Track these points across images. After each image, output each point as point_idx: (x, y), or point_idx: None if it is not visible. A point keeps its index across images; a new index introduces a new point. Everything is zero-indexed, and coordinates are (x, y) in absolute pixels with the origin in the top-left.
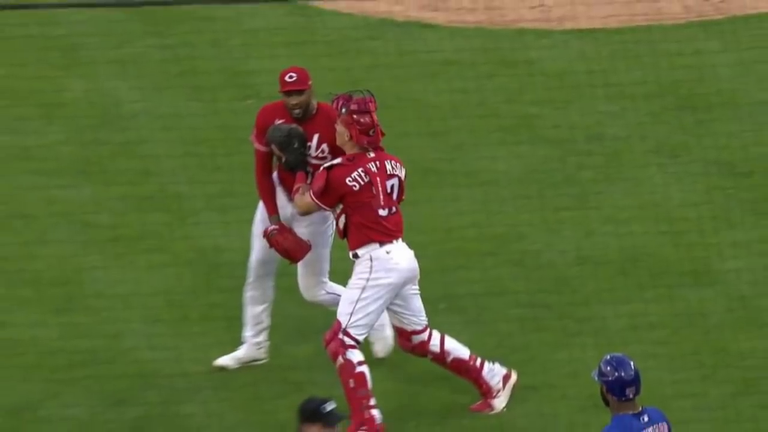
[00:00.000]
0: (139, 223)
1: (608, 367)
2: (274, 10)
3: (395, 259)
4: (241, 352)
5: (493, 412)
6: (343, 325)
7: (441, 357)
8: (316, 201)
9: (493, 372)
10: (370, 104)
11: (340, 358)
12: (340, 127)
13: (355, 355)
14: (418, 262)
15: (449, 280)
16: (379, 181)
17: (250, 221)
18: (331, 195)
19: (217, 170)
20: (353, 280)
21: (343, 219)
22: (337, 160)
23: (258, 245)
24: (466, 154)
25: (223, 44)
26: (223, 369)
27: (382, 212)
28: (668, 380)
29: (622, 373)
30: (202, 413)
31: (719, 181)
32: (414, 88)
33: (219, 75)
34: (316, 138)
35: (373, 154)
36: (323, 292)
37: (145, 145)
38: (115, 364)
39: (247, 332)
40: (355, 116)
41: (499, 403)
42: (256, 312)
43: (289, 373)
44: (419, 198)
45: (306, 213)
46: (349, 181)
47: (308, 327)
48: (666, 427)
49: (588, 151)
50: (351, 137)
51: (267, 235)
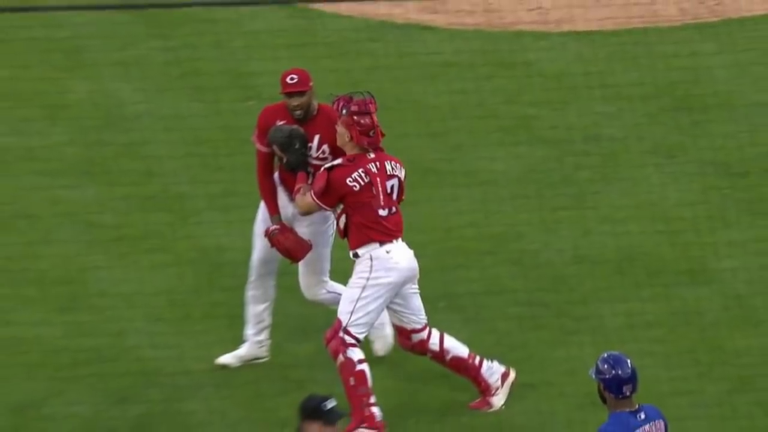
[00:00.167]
0: (142, 223)
1: (605, 365)
2: (276, 13)
3: (395, 259)
4: (243, 350)
5: (491, 410)
6: (344, 324)
7: (440, 355)
8: (317, 201)
9: (492, 370)
10: (371, 105)
11: (341, 356)
12: (340, 128)
13: (356, 354)
14: (418, 261)
15: (448, 279)
16: (379, 182)
17: (252, 221)
18: (332, 195)
19: (219, 170)
20: (354, 280)
21: (343, 219)
22: (338, 161)
23: (259, 245)
24: (465, 155)
25: (224, 46)
26: (225, 367)
27: (382, 212)
28: (665, 378)
29: (619, 371)
30: (204, 410)
31: (715, 181)
32: (414, 90)
33: (221, 76)
34: (317, 139)
35: (373, 155)
36: (324, 291)
37: (148, 146)
38: (119, 362)
39: (249, 330)
40: (356, 117)
41: (498, 400)
42: (257, 310)
43: (291, 371)
44: (419, 198)
45: (307, 213)
46: (350, 182)
47: (309, 325)
48: (663, 424)
49: (585, 151)
50: (351, 138)
51: (268, 234)
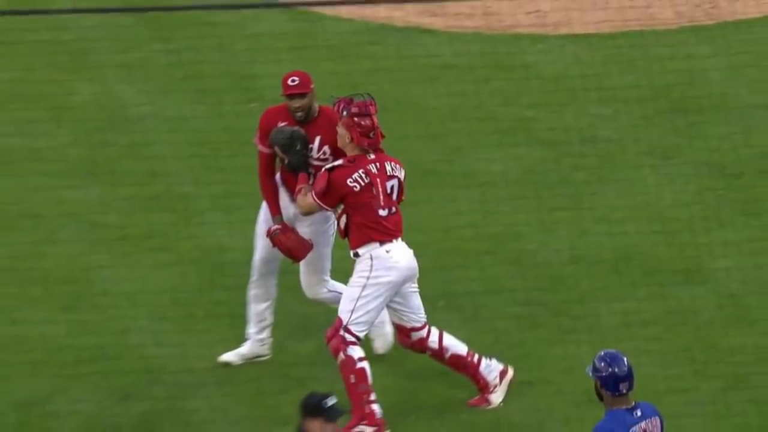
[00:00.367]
0: (145, 223)
1: (602, 363)
2: (277, 16)
3: (395, 258)
4: (245, 349)
5: (490, 407)
6: (345, 322)
7: (439, 353)
8: (318, 201)
9: (490, 368)
10: (371, 107)
11: (342, 355)
12: (341, 130)
13: (356, 352)
14: (418, 260)
15: (448, 278)
16: (379, 182)
17: (254, 221)
18: (333, 195)
19: (222, 171)
20: (354, 279)
21: (344, 219)
22: (339, 162)
23: (261, 244)
24: (464, 156)
25: (227, 49)
26: (227, 365)
27: (382, 212)
28: (660, 376)
29: (616, 369)
30: (206, 408)
31: (710, 182)
32: (413, 92)
33: (223, 79)
34: (317, 140)
35: (373, 156)
36: (325, 290)
37: (151, 147)
38: (122, 360)
39: (251, 329)
40: (356, 119)
41: (496, 398)
42: (259, 309)
43: (292, 369)
44: (418, 198)
45: (308, 213)
46: (350, 182)
47: (310, 324)
48: (658, 421)
49: (582, 152)
50: (352, 139)
51: (270, 234)
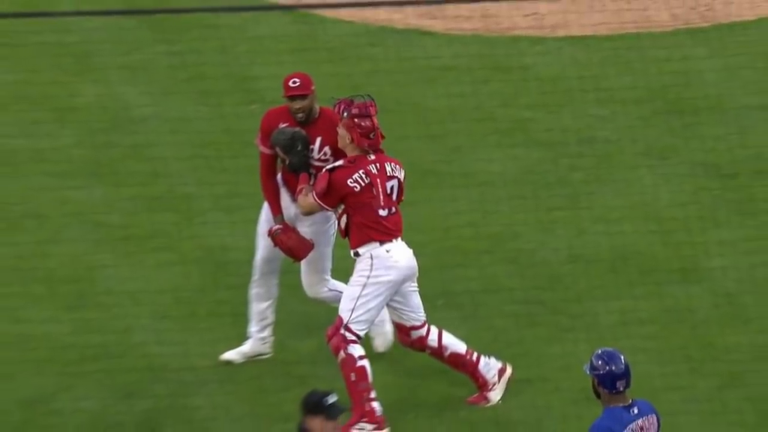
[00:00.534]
0: (148, 223)
1: (599, 361)
2: (278, 18)
3: (395, 258)
4: (247, 347)
5: (488, 405)
6: (345, 321)
7: (439, 351)
8: (319, 201)
9: (489, 366)
10: (371, 108)
11: (342, 353)
12: (341, 131)
13: (356, 350)
14: (417, 260)
15: (447, 277)
16: (379, 183)
17: (256, 221)
18: (333, 196)
19: (224, 172)
20: (354, 278)
21: (344, 219)
22: (339, 162)
23: (263, 244)
24: (464, 157)
25: (229, 51)
26: (229, 363)
27: (382, 212)
28: (657, 373)
29: (613, 367)
30: (208, 405)
31: (706, 182)
32: (413, 93)
33: (225, 80)
34: (318, 141)
35: (373, 157)
36: (325, 290)
37: (154, 148)
38: (125, 359)
39: (253, 328)
40: (357, 120)
41: (495, 395)
42: (261, 308)
43: (293, 367)
44: (418, 198)
45: (309, 213)
46: (351, 183)
47: (311, 323)
48: (655, 418)
49: (580, 153)
50: (352, 140)
51: (271, 234)
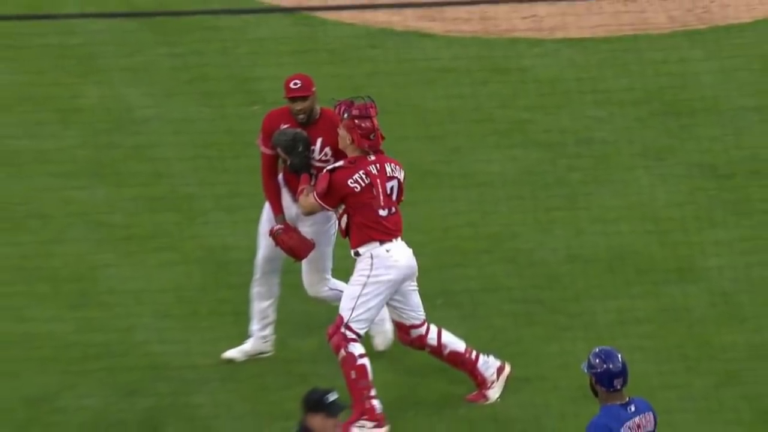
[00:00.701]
0: (150, 223)
1: (597, 360)
2: (280, 20)
3: (395, 257)
4: (248, 346)
5: (487, 402)
6: (345, 320)
7: (438, 350)
8: (320, 202)
9: (488, 364)
10: (371, 109)
11: (343, 351)
12: (342, 131)
13: (357, 348)
14: (417, 259)
15: (446, 276)
16: (379, 183)
17: (257, 221)
18: (334, 196)
19: (225, 172)
20: (355, 277)
21: (345, 219)
22: (340, 163)
23: (264, 244)
24: (463, 157)
25: (230, 52)
26: (230, 361)
27: (382, 212)
28: (654, 372)
29: (611, 365)
30: (210, 403)
31: (702, 182)
32: (413, 94)
33: (227, 82)
34: (319, 142)
35: (373, 157)
36: (326, 289)
37: (156, 149)
38: (128, 357)
39: (254, 326)
40: (357, 121)
41: (494, 393)
42: (262, 307)
43: (294, 366)
44: (418, 199)
45: (310, 213)
46: (351, 183)
47: (312, 321)
48: (652, 416)
49: (578, 154)
50: (353, 141)
51: (273, 234)
